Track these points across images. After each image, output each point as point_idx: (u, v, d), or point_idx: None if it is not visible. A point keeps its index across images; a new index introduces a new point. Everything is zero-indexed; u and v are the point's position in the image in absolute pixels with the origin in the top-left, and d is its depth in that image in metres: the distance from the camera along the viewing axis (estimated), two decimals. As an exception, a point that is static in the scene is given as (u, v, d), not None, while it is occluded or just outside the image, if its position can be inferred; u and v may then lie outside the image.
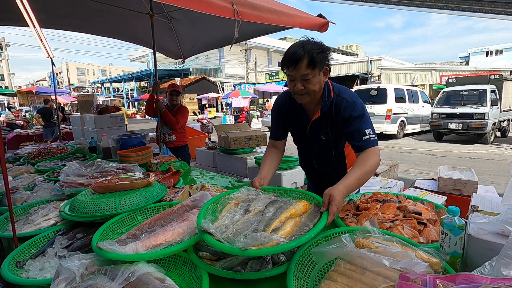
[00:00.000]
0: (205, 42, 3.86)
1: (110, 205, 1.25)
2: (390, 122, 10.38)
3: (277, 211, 0.99)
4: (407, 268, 0.70)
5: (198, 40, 3.84)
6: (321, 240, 0.97)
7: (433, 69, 18.95)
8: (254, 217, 0.98)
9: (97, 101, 5.90)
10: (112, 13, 3.12)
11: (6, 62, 22.90)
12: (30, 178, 2.11)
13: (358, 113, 1.35)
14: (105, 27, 3.66)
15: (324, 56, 1.30)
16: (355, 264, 0.78)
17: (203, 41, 3.86)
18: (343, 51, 39.99)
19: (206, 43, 3.88)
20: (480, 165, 6.20)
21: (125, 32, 3.86)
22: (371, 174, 1.28)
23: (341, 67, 22.97)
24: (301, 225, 0.94)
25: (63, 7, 3.00)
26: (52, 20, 3.31)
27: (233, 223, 0.96)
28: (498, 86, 9.70)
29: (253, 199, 1.09)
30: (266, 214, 0.98)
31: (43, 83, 53.76)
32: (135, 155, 2.43)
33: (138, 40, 4.12)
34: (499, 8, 1.04)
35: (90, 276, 0.85)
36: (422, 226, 1.12)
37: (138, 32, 3.77)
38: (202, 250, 0.99)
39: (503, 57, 34.22)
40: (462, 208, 0.90)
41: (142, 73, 30.34)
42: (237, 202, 1.08)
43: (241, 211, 1.03)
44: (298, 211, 0.99)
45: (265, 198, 1.09)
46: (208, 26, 3.37)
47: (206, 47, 3.98)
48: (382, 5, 1.26)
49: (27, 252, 1.14)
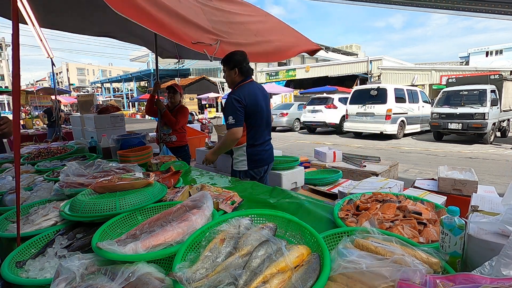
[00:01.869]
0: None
1: (110, 205, 1.25)
2: (390, 122, 10.38)
3: (264, 261, 0.81)
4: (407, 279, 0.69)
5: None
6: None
7: (433, 69, 18.94)
8: (239, 259, 0.84)
9: (97, 101, 5.89)
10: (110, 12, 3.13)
11: (6, 62, 22.91)
12: (30, 178, 2.11)
13: (225, 105, 2.21)
14: (104, 26, 3.66)
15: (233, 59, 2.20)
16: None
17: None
18: (343, 51, 39.95)
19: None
20: (480, 165, 6.20)
21: (123, 31, 3.86)
22: (226, 146, 2.29)
23: (341, 67, 22.96)
24: (289, 286, 0.74)
25: (60, 5, 2.99)
26: (50, 19, 3.29)
27: (214, 266, 0.83)
28: (498, 86, 9.70)
29: (243, 234, 0.94)
30: (252, 260, 0.82)
31: (43, 83, 53.68)
32: (135, 155, 2.43)
33: (136, 40, 4.11)
34: (499, 8, 1.04)
35: (90, 276, 0.85)
36: (422, 226, 1.12)
37: (137, 30, 3.77)
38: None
39: (503, 57, 34.23)
40: (462, 208, 0.90)
41: (142, 73, 30.36)
42: (224, 237, 0.92)
43: (226, 251, 0.88)
44: (289, 264, 0.79)
45: (255, 235, 0.92)
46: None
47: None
48: (382, 5, 1.26)
49: (27, 252, 1.14)
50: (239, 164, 2.37)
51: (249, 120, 2.24)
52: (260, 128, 2.33)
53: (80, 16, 3.17)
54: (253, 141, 2.31)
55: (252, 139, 2.31)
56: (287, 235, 1.06)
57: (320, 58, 32.69)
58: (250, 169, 2.34)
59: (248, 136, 2.30)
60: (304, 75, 24.82)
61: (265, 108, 2.32)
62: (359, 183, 2.17)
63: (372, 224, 1.14)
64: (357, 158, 3.66)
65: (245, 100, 2.16)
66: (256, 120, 2.27)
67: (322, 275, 0.76)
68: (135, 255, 0.88)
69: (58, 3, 2.90)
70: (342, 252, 0.82)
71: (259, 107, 2.25)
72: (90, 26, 3.47)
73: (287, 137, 12.40)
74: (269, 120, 2.39)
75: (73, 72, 57.69)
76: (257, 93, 2.25)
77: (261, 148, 2.34)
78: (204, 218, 1.11)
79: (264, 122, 2.34)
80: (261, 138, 2.34)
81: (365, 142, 10.25)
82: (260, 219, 1.12)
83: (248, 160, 2.32)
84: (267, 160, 2.42)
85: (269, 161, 2.45)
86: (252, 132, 2.30)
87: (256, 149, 2.32)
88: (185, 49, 4.01)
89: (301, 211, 1.45)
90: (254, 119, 2.25)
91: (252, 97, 2.20)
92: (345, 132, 12.41)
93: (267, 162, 2.42)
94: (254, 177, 2.36)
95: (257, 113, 2.25)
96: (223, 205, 1.44)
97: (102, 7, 2.92)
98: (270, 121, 2.41)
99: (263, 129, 2.35)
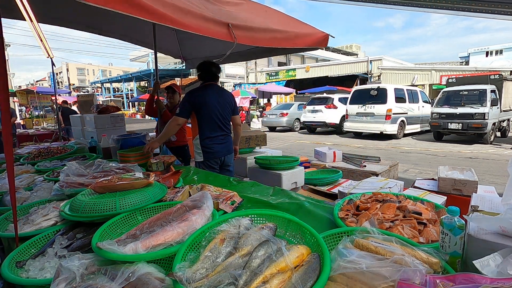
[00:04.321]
0: (206, 48, 3.86)
1: (110, 205, 1.25)
2: (390, 122, 10.37)
3: (264, 261, 0.81)
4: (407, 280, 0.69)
5: (200, 44, 3.85)
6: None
7: (433, 69, 18.94)
8: (239, 259, 0.84)
9: (97, 101, 5.90)
10: (114, 14, 3.12)
11: (6, 62, 22.87)
12: (30, 178, 2.11)
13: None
14: (108, 27, 3.66)
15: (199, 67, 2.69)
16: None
17: (204, 47, 3.86)
18: (343, 51, 39.93)
19: (206, 49, 3.88)
20: (480, 165, 6.20)
21: (128, 33, 3.87)
22: (168, 131, 2.58)
23: (341, 67, 22.96)
24: (289, 287, 0.74)
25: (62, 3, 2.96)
26: (50, 15, 3.25)
27: (214, 266, 0.83)
28: (498, 86, 9.69)
29: (243, 234, 0.94)
30: (252, 260, 0.82)
31: (43, 83, 53.69)
32: (135, 155, 2.43)
33: (139, 41, 4.12)
34: (499, 8, 1.04)
35: (90, 276, 0.85)
36: (422, 226, 1.12)
37: (140, 32, 3.77)
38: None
39: (503, 57, 34.22)
40: (462, 208, 0.89)
41: (142, 73, 30.31)
42: (224, 237, 0.92)
43: (226, 251, 0.88)
44: (289, 264, 0.79)
45: (255, 235, 0.91)
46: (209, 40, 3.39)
47: (205, 53, 3.98)
48: (382, 5, 1.26)
49: (27, 252, 1.14)
50: (197, 156, 2.67)
51: (199, 117, 2.59)
52: (210, 124, 2.62)
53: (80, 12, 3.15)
54: (206, 135, 2.63)
55: (205, 133, 2.62)
56: (287, 235, 1.06)
57: (320, 58, 32.70)
58: (206, 160, 2.64)
59: (202, 131, 2.62)
60: (304, 75, 24.81)
61: (217, 106, 2.62)
62: (359, 183, 2.17)
63: (372, 224, 1.14)
64: (357, 158, 3.66)
65: (192, 101, 2.55)
66: (205, 117, 2.59)
67: (322, 275, 0.76)
68: (135, 255, 0.88)
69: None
70: (342, 252, 0.82)
71: (210, 108, 2.58)
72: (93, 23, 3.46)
73: (287, 137, 12.40)
74: (222, 117, 2.66)
75: (73, 72, 57.64)
76: (209, 93, 2.60)
77: (214, 142, 2.65)
78: (204, 218, 1.11)
79: (214, 118, 2.62)
80: (212, 133, 2.64)
81: (365, 142, 10.25)
82: (260, 219, 1.12)
83: (203, 151, 2.64)
84: (220, 152, 2.70)
85: (221, 152, 2.71)
86: (205, 128, 2.61)
87: (209, 142, 2.63)
88: (189, 50, 4.03)
89: (301, 211, 1.45)
90: (201, 114, 2.58)
91: (201, 99, 2.57)
92: (345, 132, 12.41)
93: (220, 154, 2.70)
94: (212, 168, 2.67)
95: (207, 112, 2.58)
96: (223, 205, 1.44)
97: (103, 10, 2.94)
98: (224, 119, 2.68)
99: (214, 126, 2.64)
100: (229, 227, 0.98)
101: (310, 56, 33.97)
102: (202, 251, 0.88)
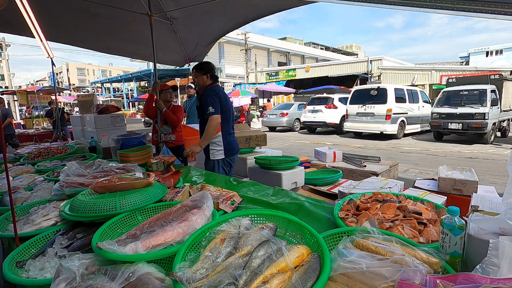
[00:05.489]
0: (205, 37, 3.89)
1: (110, 205, 1.25)
2: (390, 122, 10.37)
3: (264, 261, 0.81)
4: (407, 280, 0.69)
5: (199, 37, 3.87)
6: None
7: (433, 69, 18.94)
8: (239, 259, 0.84)
9: (97, 101, 5.90)
10: (115, 30, 3.30)
11: (6, 62, 22.87)
12: (30, 178, 2.11)
13: (204, 99, 2.55)
14: (109, 43, 3.74)
15: (205, 67, 2.66)
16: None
17: (204, 37, 3.88)
18: (343, 51, 39.97)
19: (206, 38, 3.91)
20: (480, 165, 6.20)
21: (129, 48, 3.92)
22: (209, 133, 2.50)
23: (341, 67, 22.97)
24: (289, 287, 0.74)
25: (66, 20, 3.06)
26: (55, 32, 3.35)
27: (214, 266, 0.83)
28: (498, 86, 9.69)
29: (243, 234, 0.93)
30: (252, 261, 0.81)
31: (43, 83, 53.65)
32: (135, 155, 2.43)
33: (141, 56, 4.16)
34: (499, 8, 1.04)
35: (90, 276, 0.85)
36: (422, 226, 1.12)
37: (141, 47, 3.84)
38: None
39: (503, 57, 34.24)
40: (462, 208, 0.90)
41: (142, 73, 30.31)
42: (224, 238, 0.92)
43: (226, 251, 0.88)
44: (289, 265, 0.79)
45: (255, 235, 0.91)
46: (205, 17, 3.41)
47: (206, 43, 3.99)
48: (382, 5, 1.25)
49: (27, 252, 1.14)
50: (217, 154, 2.66)
51: (223, 113, 2.62)
52: (230, 121, 2.74)
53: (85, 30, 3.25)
54: (228, 132, 2.71)
55: (227, 130, 2.71)
56: (287, 235, 1.05)
57: (320, 58, 32.67)
58: (227, 157, 2.68)
59: (225, 127, 2.67)
60: (304, 75, 24.83)
61: (230, 105, 2.77)
62: (359, 183, 2.17)
63: (372, 224, 1.14)
64: (357, 158, 3.66)
65: (220, 95, 2.60)
66: (227, 113, 2.67)
67: (322, 275, 0.76)
68: (135, 255, 0.88)
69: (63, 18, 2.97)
70: (342, 252, 0.82)
71: (228, 103, 2.69)
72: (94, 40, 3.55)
73: (287, 137, 12.40)
74: (233, 116, 2.82)
75: (73, 72, 57.62)
76: (225, 93, 2.73)
77: (233, 139, 2.77)
78: (204, 218, 1.11)
79: (231, 116, 2.76)
80: (231, 129, 2.76)
81: (365, 142, 10.25)
82: (260, 219, 1.12)
83: (225, 148, 2.68)
84: (237, 148, 2.84)
85: (238, 149, 2.87)
86: (227, 124, 2.69)
87: (230, 138, 2.73)
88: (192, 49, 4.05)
89: (301, 211, 1.45)
90: (224, 111, 2.65)
91: (224, 94, 2.68)
92: (345, 132, 12.40)
93: (237, 150, 2.84)
94: (230, 165, 2.72)
95: (228, 108, 2.68)
96: (223, 205, 1.44)
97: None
98: (234, 117, 2.86)
99: (232, 123, 2.78)
100: (229, 227, 0.98)
101: (310, 56, 33.97)
102: (202, 251, 0.88)
